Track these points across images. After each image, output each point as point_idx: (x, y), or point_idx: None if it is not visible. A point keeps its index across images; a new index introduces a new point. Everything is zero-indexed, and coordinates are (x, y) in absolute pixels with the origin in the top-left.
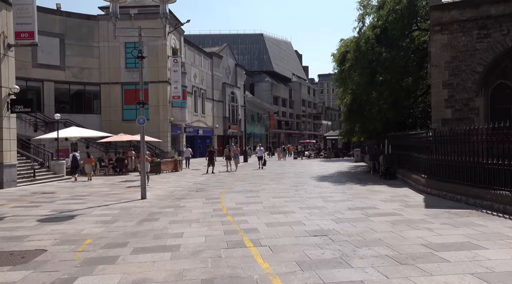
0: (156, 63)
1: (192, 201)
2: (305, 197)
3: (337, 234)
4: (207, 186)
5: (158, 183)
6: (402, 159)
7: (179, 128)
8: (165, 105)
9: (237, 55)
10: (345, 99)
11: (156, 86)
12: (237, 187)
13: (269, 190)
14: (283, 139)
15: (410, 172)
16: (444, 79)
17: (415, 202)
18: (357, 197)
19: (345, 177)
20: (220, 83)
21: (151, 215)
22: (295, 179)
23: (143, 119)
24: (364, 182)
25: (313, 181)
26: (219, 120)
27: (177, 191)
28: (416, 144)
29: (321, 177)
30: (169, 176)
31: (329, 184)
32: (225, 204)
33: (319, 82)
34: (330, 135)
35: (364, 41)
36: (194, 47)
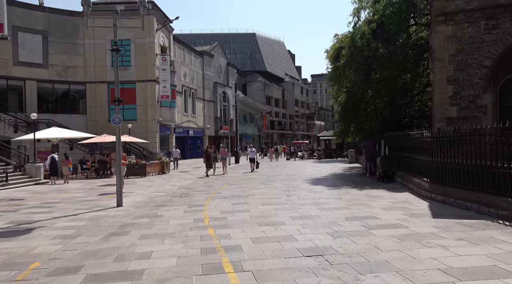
0: (144, 62)
1: (172, 209)
2: (298, 204)
3: (335, 254)
4: (192, 191)
5: (141, 187)
6: (401, 161)
7: (168, 129)
8: (153, 105)
9: (229, 55)
10: (340, 98)
11: (144, 85)
12: (224, 192)
13: (258, 195)
14: (276, 140)
15: (410, 175)
16: (448, 74)
17: (420, 210)
18: (355, 203)
19: (340, 180)
20: (211, 83)
21: (122, 228)
22: (287, 182)
23: (118, 119)
24: (360, 186)
25: (306, 185)
26: (210, 121)
27: (159, 197)
28: (417, 145)
29: (315, 180)
30: (154, 179)
31: (323, 188)
32: (209, 212)
33: (312, 82)
34: (324, 136)
35: (360, 36)
36: (184, 45)
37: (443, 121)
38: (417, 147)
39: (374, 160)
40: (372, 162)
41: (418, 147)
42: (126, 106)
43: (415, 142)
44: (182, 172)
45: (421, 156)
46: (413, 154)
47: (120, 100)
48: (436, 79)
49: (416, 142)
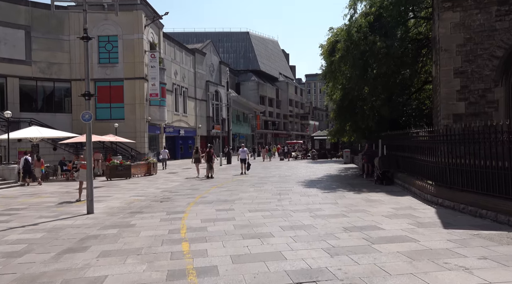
0: (132, 58)
1: (148, 217)
2: (289, 211)
3: (333, 280)
4: (176, 195)
5: (122, 190)
6: (400, 161)
7: (158, 128)
8: (141, 103)
9: (223, 54)
10: (335, 95)
11: (132, 83)
12: (210, 196)
13: (247, 199)
14: (270, 140)
15: (412, 177)
16: (455, 65)
17: (428, 219)
18: (353, 210)
19: (336, 182)
20: (203, 81)
21: (82, 242)
22: (279, 184)
23: (89, 115)
24: (358, 189)
25: (300, 188)
26: (202, 120)
27: (138, 202)
28: (421, 145)
29: (309, 182)
30: (139, 181)
31: (317, 191)
32: (188, 221)
33: (306, 82)
34: (318, 135)
35: (356, 29)
36: (174, 42)
37: (450, 118)
38: (420, 146)
39: (371, 161)
40: (369, 163)
41: (421, 146)
42: (113, 104)
43: (417, 141)
44: (170, 173)
45: (424, 157)
46: (415, 154)
47: (91, 94)
48: (442, 72)
49: (419, 141)
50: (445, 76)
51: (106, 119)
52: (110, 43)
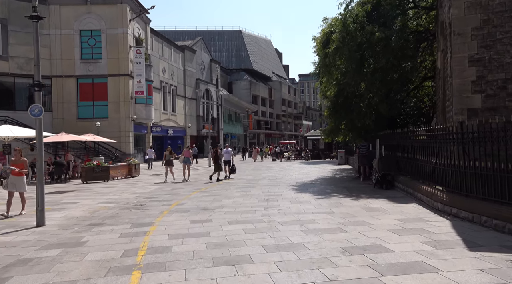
0: (116, 54)
1: (107, 231)
2: (276, 223)
3: None
4: (151, 201)
5: (93, 195)
6: (402, 163)
7: (145, 128)
8: (126, 101)
9: (215, 52)
10: (329, 92)
11: (116, 80)
12: (188, 203)
13: (229, 207)
14: (262, 140)
15: (417, 182)
16: (470, 52)
17: (445, 235)
18: (352, 222)
19: (330, 186)
20: (193, 79)
21: (5, 270)
22: (269, 188)
23: (38, 109)
24: (355, 194)
25: (290, 192)
26: (192, 119)
27: (104, 210)
28: (427, 145)
29: (301, 185)
30: (116, 184)
31: (310, 197)
32: (153, 237)
33: (299, 82)
34: (311, 135)
35: (352, 19)
36: (162, 38)
37: (463, 113)
38: (427, 146)
39: (369, 162)
40: (367, 165)
41: (428, 146)
42: (96, 102)
43: (423, 140)
44: (154, 175)
45: (432, 158)
46: (420, 156)
47: (42, 85)
48: (455, 60)
49: (424, 141)
50: (458, 64)
51: (88, 117)
52: (93, 38)
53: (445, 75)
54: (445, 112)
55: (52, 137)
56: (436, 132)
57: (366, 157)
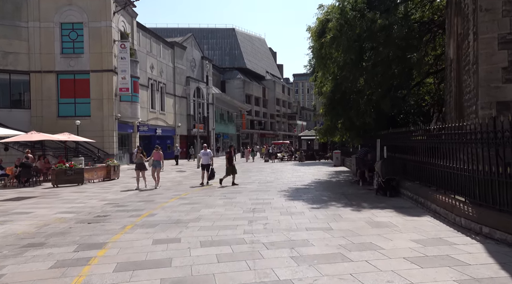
0: (99, 48)
1: (39, 258)
2: (261, 245)
3: None
4: (119, 210)
5: (56, 202)
6: (409, 167)
7: (131, 127)
8: (110, 99)
9: (207, 51)
10: (325, 87)
11: (99, 76)
12: (160, 213)
13: (207, 220)
14: (256, 140)
15: (428, 189)
16: (501, 32)
17: (484, 268)
18: (356, 244)
19: (327, 191)
20: (183, 77)
21: None
22: (257, 195)
23: None
24: (356, 203)
25: (281, 200)
26: (182, 118)
27: (57, 223)
28: (443, 145)
29: (294, 191)
30: (90, 188)
31: (304, 207)
32: (95, 268)
33: (294, 82)
34: (306, 135)
35: (351, 6)
36: (151, 34)
37: (492, 107)
38: (443, 147)
39: (365, 166)
40: (365, 168)
41: (445, 148)
42: (78, 99)
43: (437, 141)
44: (134, 178)
45: (450, 162)
46: (433, 159)
47: None
48: (481, 42)
49: (440, 141)
50: (486, 47)
51: (70, 116)
52: (75, 31)
53: (462, 65)
54: (463, 108)
55: (20, 136)
56: (457, 131)
57: (363, 160)
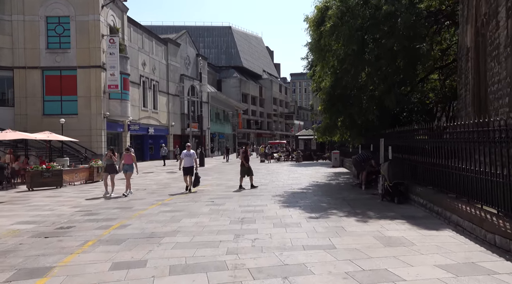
0: (87, 43)
1: None
2: (246, 273)
3: None
4: (87, 219)
5: (22, 209)
6: (421, 170)
7: (121, 126)
8: (98, 96)
9: (203, 49)
10: (323, 82)
11: (87, 72)
12: (134, 224)
13: (185, 234)
14: (253, 140)
15: (446, 196)
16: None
17: None
18: (368, 271)
19: (326, 196)
20: (177, 75)
21: None
22: (248, 201)
23: None
24: (360, 211)
25: (275, 207)
26: (176, 117)
27: (6, 239)
28: (468, 146)
29: (289, 195)
30: (67, 191)
31: (300, 216)
32: None
33: (291, 81)
34: (303, 135)
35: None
36: (142, 29)
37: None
38: (467, 148)
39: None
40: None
41: (470, 148)
42: (64, 97)
43: (459, 139)
44: (121, 180)
45: (475, 165)
46: (452, 161)
47: None
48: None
49: (463, 140)
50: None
51: (56, 114)
52: (61, 25)
53: (487, 51)
54: (487, 101)
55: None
56: (484, 128)
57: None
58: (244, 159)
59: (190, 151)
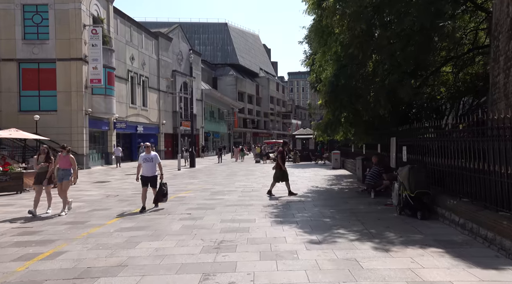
0: (67, 34)
1: None
2: None
3: None
4: (15, 242)
5: None
6: (451, 177)
7: (106, 123)
8: (79, 91)
9: (199, 46)
10: (325, 73)
11: (67, 65)
12: (71, 252)
13: (132, 272)
14: (249, 139)
15: (502, 217)
16: None
17: None
18: None
19: (329, 207)
20: (169, 71)
21: None
22: (233, 213)
23: None
24: (377, 231)
25: (265, 223)
26: (167, 115)
27: None
28: None
29: (284, 206)
30: (27, 197)
31: (297, 239)
32: None
33: (289, 80)
34: (300, 134)
35: None
36: (131, 21)
37: None
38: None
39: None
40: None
41: None
42: (43, 92)
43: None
44: (97, 183)
45: None
46: (500, 166)
47: None
48: None
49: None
50: None
51: (33, 110)
52: (39, 14)
53: None
54: None
55: None
56: None
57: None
58: (281, 161)
59: (151, 153)
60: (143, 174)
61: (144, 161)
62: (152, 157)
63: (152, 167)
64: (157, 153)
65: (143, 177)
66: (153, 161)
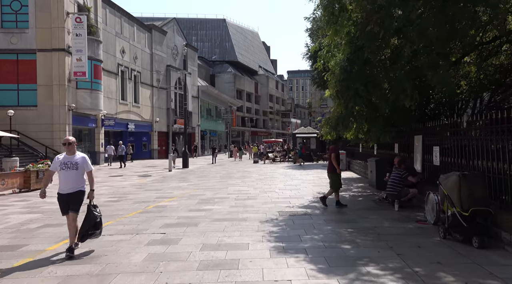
0: (49, 23)
1: None
2: None
3: None
4: None
5: None
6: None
7: (92, 120)
8: (62, 85)
9: (196, 42)
10: (335, 58)
11: (49, 57)
12: None
13: None
14: (247, 138)
15: None
16: None
17: None
18: None
19: (345, 226)
20: (163, 65)
21: None
22: (221, 233)
23: None
24: (425, 270)
25: (262, 252)
26: (161, 112)
27: None
28: None
29: (287, 223)
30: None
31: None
32: None
33: (288, 79)
34: (301, 132)
35: None
36: (121, 12)
37: None
38: None
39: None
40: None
41: None
42: (22, 86)
43: None
44: None
45: None
46: None
47: None
48: None
49: None
50: None
51: (11, 105)
52: (18, 0)
53: None
54: None
55: None
56: None
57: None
58: (335, 161)
59: (76, 155)
60: (61, 190)
61: (63, 167)
62: (78, 161)
63: (76, 178)
64: (86, 155)
65: (61, 196)
66: (78, 169)
